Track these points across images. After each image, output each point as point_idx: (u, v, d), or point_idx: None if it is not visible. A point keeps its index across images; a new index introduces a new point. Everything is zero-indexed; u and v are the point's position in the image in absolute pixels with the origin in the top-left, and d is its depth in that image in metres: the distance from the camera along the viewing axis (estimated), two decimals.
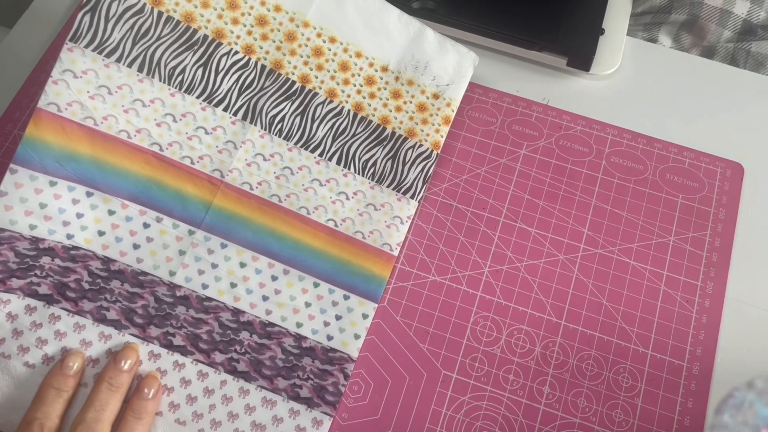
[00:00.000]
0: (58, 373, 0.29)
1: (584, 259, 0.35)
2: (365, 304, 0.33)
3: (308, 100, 0.35)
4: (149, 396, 0.30)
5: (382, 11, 0.35)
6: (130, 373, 0.30)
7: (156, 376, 0.30)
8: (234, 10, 0.34)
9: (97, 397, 0.29)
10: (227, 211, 0.33)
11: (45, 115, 0.31)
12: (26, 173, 0.30)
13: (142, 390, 0.30)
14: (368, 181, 0.35)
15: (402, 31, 0.36)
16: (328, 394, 0.31)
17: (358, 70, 0.35)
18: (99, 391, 0.29)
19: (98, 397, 0.29)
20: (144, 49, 0.33)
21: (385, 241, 0.34)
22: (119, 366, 0.29)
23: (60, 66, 0.31)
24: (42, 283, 0.30)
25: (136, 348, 0.31)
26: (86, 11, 0.31)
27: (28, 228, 0.30)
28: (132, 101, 0.33)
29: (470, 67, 0.37)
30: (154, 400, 0.30)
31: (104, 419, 0.28)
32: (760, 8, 0.43)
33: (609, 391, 0.32)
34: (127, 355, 0.30)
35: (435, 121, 0.36)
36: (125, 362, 0.30)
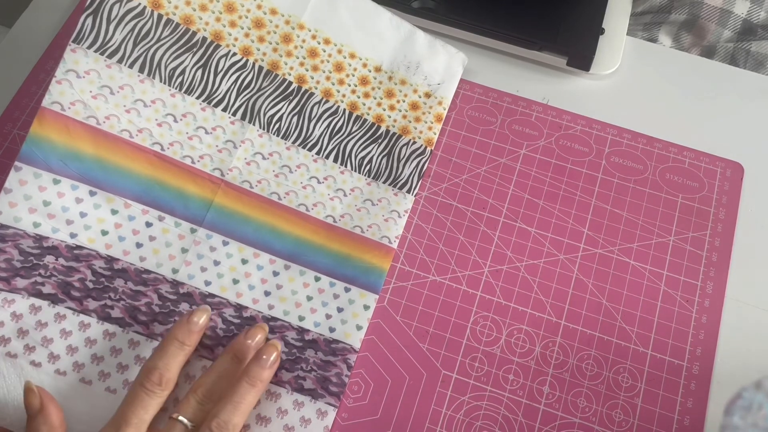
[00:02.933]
0: (184, 327, 0.31)
1: (584, 259, 0.36)
2: (366, 295, 0.34)
3: (305, 100, 0.37)
4: (267, 364, 0.31)
5: (373, 14, 0.38)
6: (254, 349, 0.32)
7: (277, 345, 0.32)
8: (231, 13, 0.36)
9: (220, 364, 0.31)
10: (228, 209, 0.35)
11: (49, 113, 0.32)
12: (30, 171, 0.31)
13: (261, 357, 0.31)
14: (365, 178, 0.36)
15: (394, 32, 0.38)
16: (331, 384, 0.32)
17: (352, 71, 0.37)
18: (223, 360, 0.31)
19: (221, 364, 0.31)
20: (145, 51, 0.34)
21: (383, 234, 0.35)
22: (248, 342, 0.31)
23: (63, 66, 0.33)
24: (46, 282, 0.31)
25: (265, 328, 0.33)
26: (89, 13, 0.33)
27: (32, 225, 0.31)
28: (133, 101, 0.34)
29: (460, 67, 0.39)
30: (271, 369, 0.31)
31: (224, 385, 0.30)
32: (760, 8, 0.44)
33: (609, 391, 0.33)
34: (257, 333, 0.32)
35: (427, 119, 0.38)
36: (254, 339, 0.32)
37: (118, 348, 0.32)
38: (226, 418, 0.29)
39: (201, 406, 0.30)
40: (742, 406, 0.25)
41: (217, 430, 0.29)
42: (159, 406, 0.29)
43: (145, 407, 0.29)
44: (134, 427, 0.28)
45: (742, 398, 0.25)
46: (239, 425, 0.30)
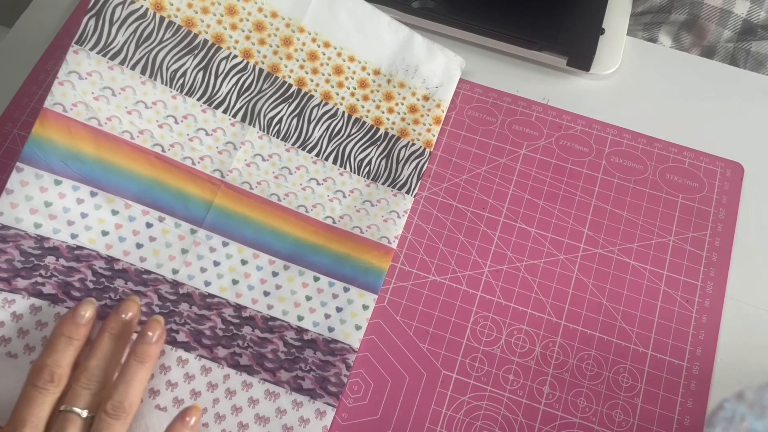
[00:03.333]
0: (70, 321, 0.30)
1: (584, 259, 0.36)
2: (365, 295, 0.34)
3: (304, 103, 0.37)
4: (153, 340, 0.31)
5: (373, 17, 0.38)
6: (132, 323, 0.31)
7: (160, 321, 0.32)
8: (233, 16, 0.36)
9: (100, 346, 0.30)
10: (228, 210, 0.35)
11: (51, 114, 0.32)
12: (32, 171, 0.32)
13: (146, 334, 0.31)
14: (364, 179, 0.37)
15: (392, 36, 0.39)
16: (330, 384, 0.32)
17: (351, 74, 0.38)
18: (101, 340, 0.30)
19: (101, 346, 0.30)
20: (146, 53, 0.34)
21: (383, 235, 0.36)
22: (121, 317, 0.31)
23: (66, 67, 0.33)
24: (47, 282, 0.32)
25: (137, 300, 0.32)
26: (91, 15, 0.33)
27: (33, 226, 0.32)
28: (135, 103, 0.34)
29: (458, 70, 0.39)
30: (157, 344, 0.31)
31: (106, 366, 0.30)
32: (760, 8, 0.44)
33: (609, 391, 0.33)
34: (129, 308, 0.32)
35: (426, 121, 0.38)
36: (127, 314, 0.31)
37: None
38: (120, 398, 0.29)
39: (88, 391, 0.29)
40: (724, 417, 0.25)
41: (113, 411, 0.28)
42: (53, 403, 0.29)
43: (40, 405, 0.28)
44: (31, 426, 0.28)
45: (723, 409, 0.25)
46: (135, 404, 0.29)
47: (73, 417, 0.28)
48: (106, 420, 0.28)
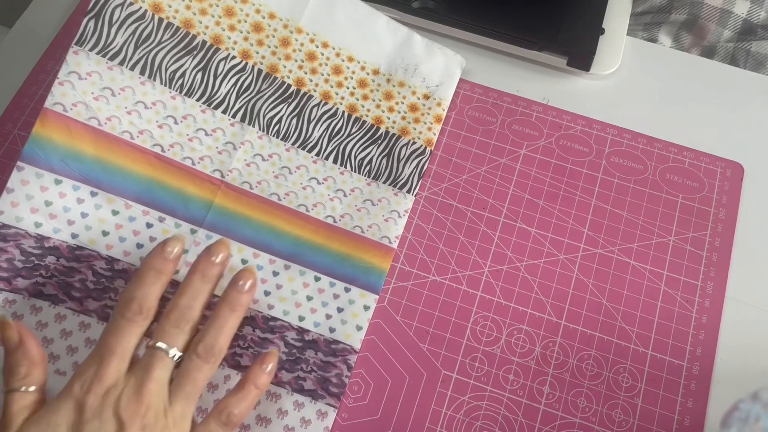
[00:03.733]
0: (159, 255, 0.30)
1: (584, 259, 0.36)
2: (366, 295, 0.34)
3: (304, 102, 0.37)
4: (245, 289, 0.31)
5: (370, 17, 0.38)
6: (222, 266, 0.31)
7: (253, 270, 0.31)
8: (231, 17, 0.36)
9: (190, 286, 0.30)
10: (228, 210, 0.35)
11: (51, 114, 0.32)
12: (32, 171, 0.32)
13: (237, 282, 0.31)
14: (364, 178, 0.37)
15: (391, 36, 0.39)
16: (332, 385, 0.32)
17: (350, 73, 0.38)
18: (192, 281, 0.30)
19: (191, 286, 0.30)
20: (146, 53, 0.35)
21: (383, 234, 0.35)
22: (211, 259, 0.31)
23: (66, 68, 0.33)
24: (47, 283, 0.32)
25: (228, 243, 0.32)
26: (91, 17, 0.34)
27: (34, 225, 0.32)
28: (134, 103, 0.34)
29: (458, 69, 0.39)
30: (249, 293, 0.31)
31: (196, 306, 0.30)
32: (760, 8, 0.44)
33: (609, 391, 0.33)
34: (219, 250, 0.31)
35: (427, 120, 0.38)
36: (217, 256, 0.31)
37: None
38: (211, 342, 0.29)
39: (177, 330, 0.29)
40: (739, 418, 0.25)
41: (204, 353, 0.29)
42: (140, 335, 0.29)
43: (128, 336, 0.28)
44: (118, 355, 0.28)
45: (739, 410, 0.25)
46: (224, 349, 0.30)
47: (161, 354, 0.28)
48: (197, 361, 0.29)
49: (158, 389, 0.28)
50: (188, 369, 0.29)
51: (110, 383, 0.27)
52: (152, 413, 0.27)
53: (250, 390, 0.30)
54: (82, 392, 0.27)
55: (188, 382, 0.29)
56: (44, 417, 0.27)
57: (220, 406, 0.29)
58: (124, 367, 0.28)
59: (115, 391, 0.27)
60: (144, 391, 0.27)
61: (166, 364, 0.29)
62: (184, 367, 0.29)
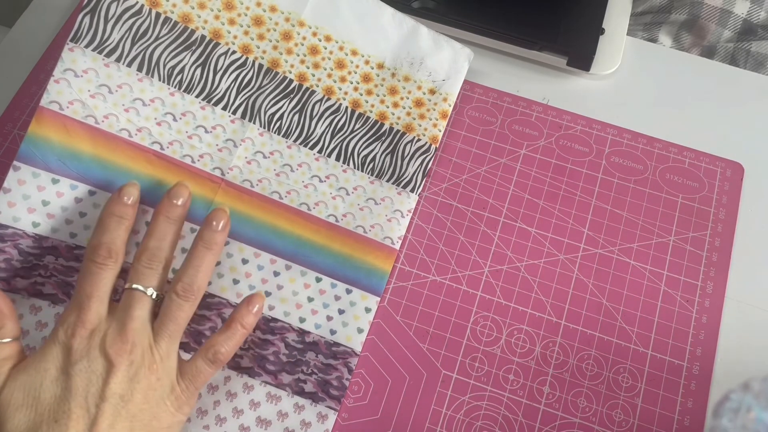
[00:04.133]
0: (118, 201, 0.31)
1: (584, 259, 0.36)
2: (368, 298, 0.34)
3: (306, 98, 0.37)
4: (218, 228, 0.32)
5: (375, 9, 0.37)
6: (184, 208, 0.32)
7: (225, 210, 0.33)
8: (230, 11, 0.36)
9: (156, 228, 0.31)
10: (229, 208, 0.34)
11: (47, 113, 0.32)
12: (29, 170, 0.31)
13: (211, 222, 0.32)
14: (368, 176, 0.36)
15: (396, 29, 0.38)
16: (332, 388, 0.32)
17: (354, 68, 0.37)
18: (157, 222, 0.31)
19: (157, 228, 0.31)
20: (143, 49, 0.34)
21: (386, 235, 0.35)
22: (173, 201, 0.32)
23: (61, 65, 0.33)
24: (46, 282, 0.31)
25: (187, 185, 0.33)
26: (86, 12, 0.33)
27: (32, 225, 0.31)
28: (132, 100, 0.34)
29: (465, 63, 0.38)
30: (223, 231, 0.32)
31: (165, 247, 0.31)
32: (760, 8, 0.44)
33: (609, 391, 0.33)
34: (180, 192, 0.32)
35: (432, 116, 0.37)
36: (179, 198, 0.32)
37: None
38: (189, 281, 0.30)
39: (151, 270, 0.30)
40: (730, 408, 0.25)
41: (183, 292, 0.30)
42: (114, 278, 0.30)
43: (102, 280, 0.29)
44: (97, 299, 0.29)
45: (729, 400, 0.25)
46: (203, 287, 0.31)
47: (140, 294, 0.29)
48: (177, 300, 0.30)
49: (141, 327, 0.29)
50: (169, 308, 0.30)
51: (93, 325, 0.28)
52: (138, 350, 0.28)
53: (237, 329, 0.31)
54: (67, 336, 0.28)
55: (170, 320, 0.29)
56: (32, 363, 0.27)
57: (207, 344, 0.30)
58: (103, 309, 0.29)
59: (99, 332, 0.28)
60: (127, 330, 0.28)
61: (145, 303, 0.29)
62: (165, 307, 0.30)
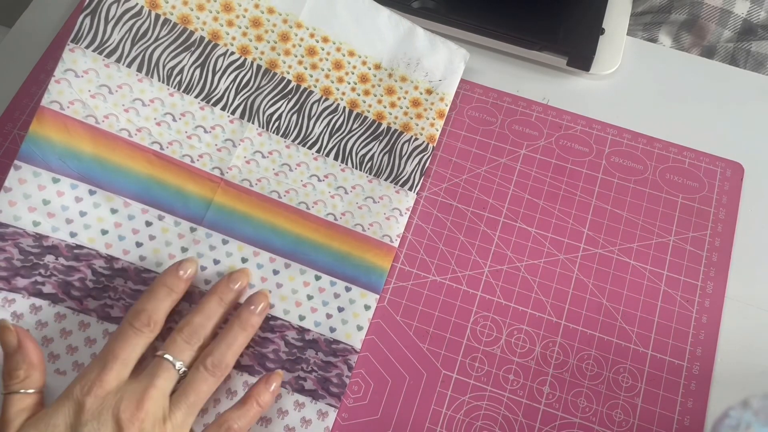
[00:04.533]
0: (173, 274, 0.32)
1: (584, 259, 0.36)
2: (367, 295, 0.34)
3: (304, 98, 0.37)
4: (257, 311, 0.32)
5: (372, 11, 0.38)
6: (238, 294, 0.33)
7: (266, 294, 0.33)
8: (229, 13, 0.36)
9: (206, 306, 0.32)
10: (228, 207, 0.35)
11: (48, 112, 0.32)
12: (29, 169, 0.32)
13: (251, 304, 0.32)
14: (366, 175, 0.36)
15: (393, 30, 0.38)
16: (332, 385, 0.32)
17: (351, 68, 0.37)
18: (210, 301, 0.32)
19: (208, 307, 0.32)
20: (143, 50, 0.34)
21: (385, 233, 0.35)
22: (231, 285, 0.32)
23: (62, 66, 0.33)
24: (47, 282, 0.32)
25: (248, 273, 0.33)
26: (87, 14, 0.33)
27: (32, 224, 0.32)
28: (132, 100, 0.34)
29: (461, 63, 0.39)
30: (260, 315, 0.32)
31: (208, 326, 0.31)
32: (760, 8, 0.44)
33: (609, 391, 0.33)
34: (239, 278, 0.33)
35: (429, 116, 0.38)
36: (237, 283, 0.33)
37: None
38: (220, 357, 0.30)
39: (187, 345, 0.30)
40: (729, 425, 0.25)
41: (212, 367, 0.30)
42: (146, 346, 0.30)
43: (133, 345, 0.29)
44: (122, 362, 0.29)
45: (729, 417, 0.25)
46: (230, 366, 0.31)
47: (168, 365, 0.29)
48: (203, 373, 0.30)
49: (159, 397, 0.28)
50: (194, 380, 0.30)
51: (111, 387, 0.28)
52: (150, 419, 0.28)
53: (252, 406, 0.30)
54: (82, 394, 0.28)
55: (192, 392, 0.29)
56: (43, 418, 0.27)
57: (221, 419, 0.30)
58: (125, 373, 0.29)
59: (115, 394, 0.28)
60: (145, 397, 0.28)
61: (171, 375, 0.29)
62: (190, 378, 0.30)
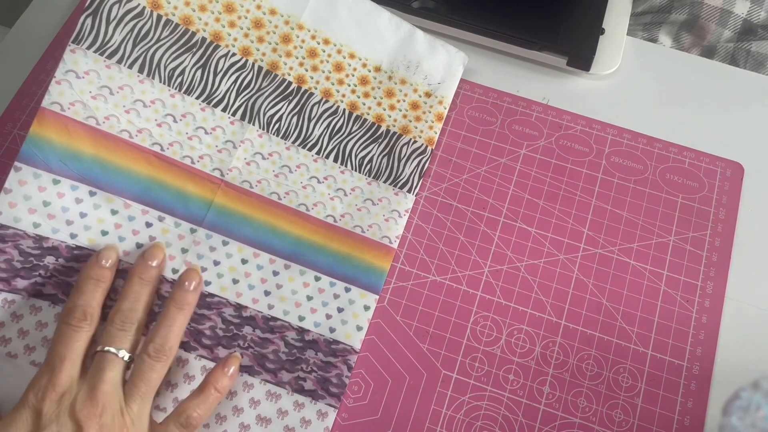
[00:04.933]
0: (96, 264, 0.31)
1: (584, 259, 0.36)
2: (366, 295, 0.34)
3: (304, 100, 0.37)
4: (190, 288, 0.32)
5: (373, 14, 0.38)
6: (159, 269, 0.33)
7: (197, 269, 0.33)
8: (231, 14, 0.36)
9: (130, 289, 0.31)
10: (228, 209, 0.35)
11: (49, 114, 0.32)
12: (30, 171, 0.32)
13: (183, 283, 0.32)
14: (365, 177, 0.36)
15: (393, 32, 0.38)
16: (332, 386, 0.32)
17: (352, 71, 0.37)
18: (131, 284, 0.32)
19: (131, 289, 0.31)
20: (144, 51, 0.34)
21: (384, 234, 0.35)
22: (148, 263, 0.32)
23: (63, 66, 0.33)
24: (47, 283, 0.32)
25: (162, 246, 0.33)
26: (88, 14, 0.33)
27: (32, 226, 0.32)
28: (133, 102, 0.34)
29: (460, 66, 0.39)
30: (195, 292, 0.32)
31: (138, 308, 0.31)
32: (760, 8, 0.44)
33: (609, 391, 0.33)
34: (155, 254, 0.33)
35: (428, 119, 0.38)
36: (154, 260, 0.32)
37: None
38: (161, 341, 0.30)
39: (124, 332, 0.30)
40: (740, 406, 0.25)
41: (155, 353, 0.30)
42: (87, 341, 0.30)
43: (76, 342, 0.29)
44: (69, 361, 0.29)
45: (739, 398, 0.25)
46: (174, 347, 0.31)
47: (112, 356, 0.29)
48: (148, 361, 0.30)
49: (112, 390, 0.28)
50: (141, 369, 0.30)
51: (64, 389, 0.28)
52: (108, 413, 0.28)
53: (210, 392, 0.31)
54: (37, 400, 0.28)
55: (142, 381, 0.29)
56: (1, 428, 0.27)
57: (180, 408, 0.30)
58: (75, 372, 0.29)
59: (69, 395, 0.28)
60: (98, 393, 0.28)
61: (117, 365, 0.29)
62: (137, 368, 0.30)
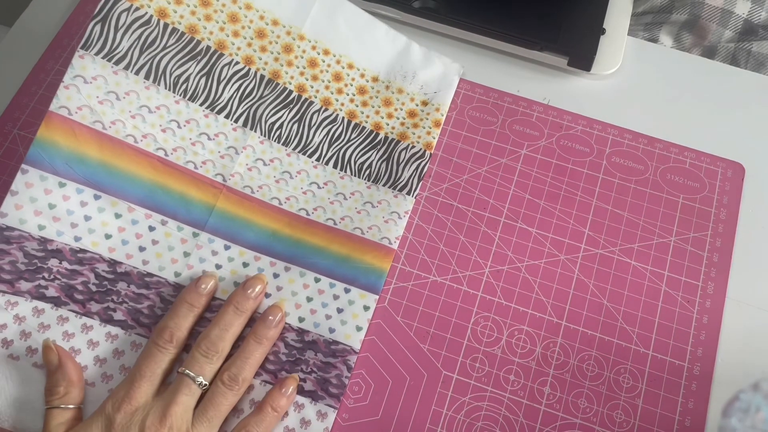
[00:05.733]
0: (193, 290, 0.33)
1: (585, 260, 0.36)
2: (366, 296, 0.35)
3: (305, 108, 0.38)
4: (273, 324, 0.33)
5: (370, 26, 0.39)
6: (256, 301, 0.34)
7: (281, 306, 0.34)
8: (235, 24, 0.37)
9: (223, 318, 0.32)
10: (230, 213, 0.35)
11: (56, 117, 0.33)
12: (36, 173, 0.32)
13: (267, 317, 0.33)
14: (364, 182, 0.37)
15: (390, 44, 0.39)
16: (332, 386, 0.33)
17: (350, 80, 0.38)
18: (225, 312, 0.33)
19: (224, 318, 0.32)
20: (150, 58, 0.35)
21: (384, 236, 0.36)
22: (247, 293, 0.33)
23: (71, 72, 0.34)
24: (50, 285, 0.32)
25: (264, 278, 0.34)
26: (97, 21, 0.34)
27: (37, 228, 0.32)
28: (139, 107, 0.35)
29: (455, 76, 0.40)
30: (277, 328, 0.33)
31: (226, 338, 0.32)
32: (761, 8, 0.44)
33: (610, 392, 0.33)
34: (255, 284, 0.34)
35: (426, 125, 0.38)
36: (252, 290, 0.33)
37: (120, 350, 0.33)
38: (236, 371, 0.31)
39: (206, 360, 0.31)
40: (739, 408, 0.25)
41: (229, 382, 0.31)
42: (170, 362, 0.32)
43: (158, 362, 0.31)
44: (147, 379, 0.30)
45: (739, 400, 0.25)
46: (248, 380, 0.32)
47: (189, 381, 0.31)
48: (221, 388, 0.31)
49: (182, 413, 0.30)
50: (213, 395, 0.31)
51: (139, 404, 0.30)
52: None
53: (268, 412, 0.31)
54: (113, 410, 0.30)
55: (212, 407, 0.31)
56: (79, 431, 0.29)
57: (240, 425, 0.31)
58: (152, 390, 0.31)
59: (142, 411, 0.30)
60: (168, 413, 0.30)
61: (193, 390, 0.31)
62: (210, 394, 0.31)
